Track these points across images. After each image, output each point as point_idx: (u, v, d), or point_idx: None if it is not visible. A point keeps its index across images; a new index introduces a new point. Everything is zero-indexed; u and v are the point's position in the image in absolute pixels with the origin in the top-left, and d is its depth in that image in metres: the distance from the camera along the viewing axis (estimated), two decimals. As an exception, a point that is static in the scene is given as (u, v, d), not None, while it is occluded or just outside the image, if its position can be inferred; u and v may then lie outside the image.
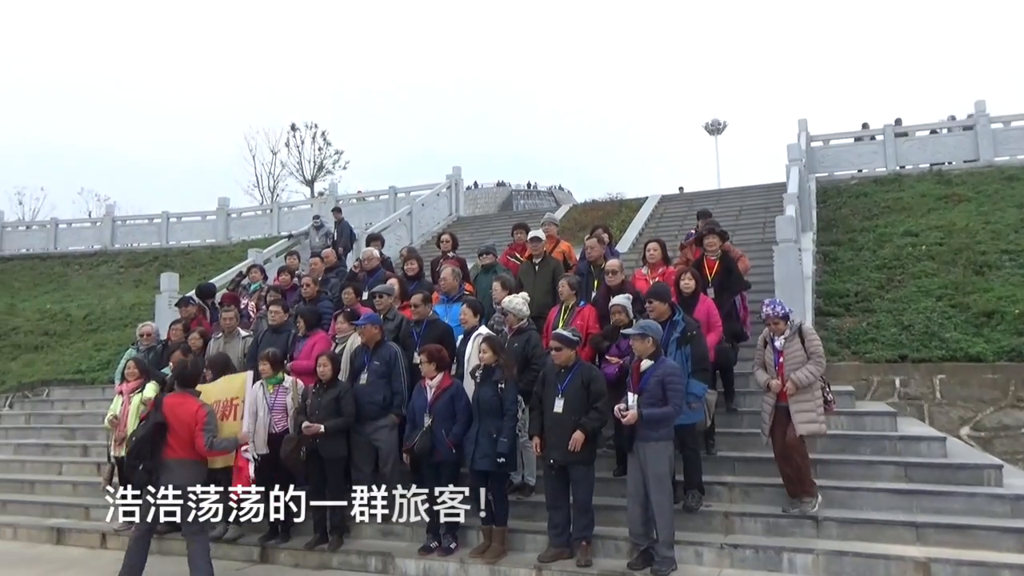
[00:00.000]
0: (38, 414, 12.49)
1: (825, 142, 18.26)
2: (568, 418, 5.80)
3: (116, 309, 18.00)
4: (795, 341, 6.10)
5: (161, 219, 25.25)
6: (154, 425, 5.97)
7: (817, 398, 6.01)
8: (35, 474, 10.07)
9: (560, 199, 54.11)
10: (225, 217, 24.57)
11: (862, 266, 11.76)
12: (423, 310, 7.38)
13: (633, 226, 17.13)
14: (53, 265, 23.95)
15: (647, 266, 7.90)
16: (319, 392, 6.83)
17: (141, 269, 22.31)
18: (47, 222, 28.11)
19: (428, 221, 20.76)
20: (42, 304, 19.73)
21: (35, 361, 15.36)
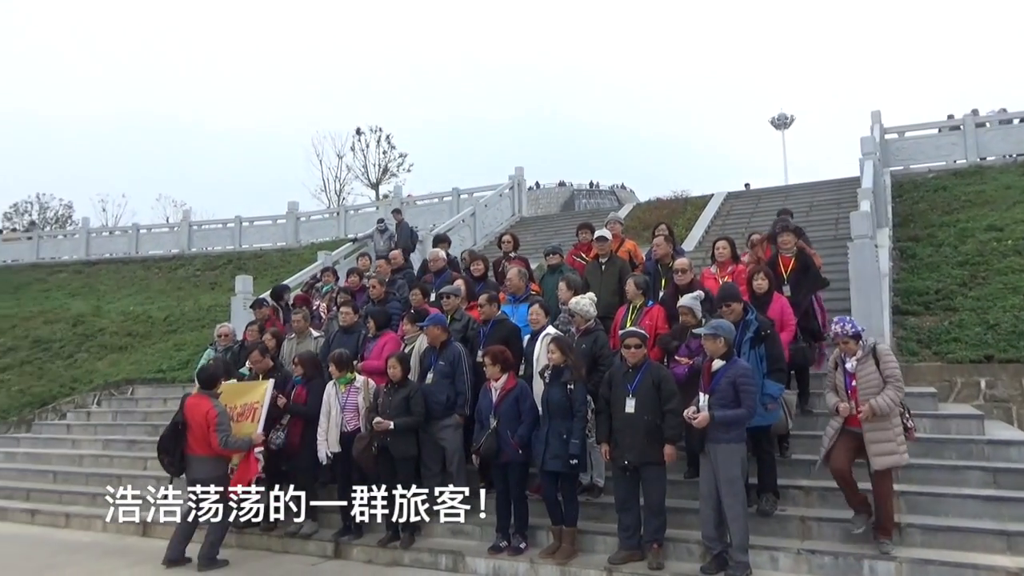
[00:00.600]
0: (124, 411, 13.06)
1: (900, 134, 17.61)
2: (640, 418, 5.73)
3: (194, 311, 18.66)
4: (869, 363, 5.60)
5: (234, 223, 26.08)
6: (172, 423, 6.78)
7: (896, 426, 5.52)
8: (122, 468, 10.52)
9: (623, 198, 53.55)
10: (294, 221, 25.20)
11: (942, 262, 11.30)
12: (489, 310, 7.42)
13: (699, 224, 16.88)
14: (135, 269, 24.97)
15: (716, 265, 7.75)
16: (390, 392, 6.94)
17: (216, 272, 23.06)
18: (129, 228, 29.43)
19: (491, 222, 20.87)
20: (125, 306, 20.60)
21: (120, 361, 16.06)
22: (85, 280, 24.54)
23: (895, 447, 5.49)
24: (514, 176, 22.74)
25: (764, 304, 6.68)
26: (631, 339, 5.93)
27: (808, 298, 7.37)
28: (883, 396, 5.47)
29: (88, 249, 27.45)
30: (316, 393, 7.33)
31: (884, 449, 5.47)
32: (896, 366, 5.63)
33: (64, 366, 16.71)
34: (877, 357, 5.63)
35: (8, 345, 18.78)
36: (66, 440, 12.28)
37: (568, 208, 52.44)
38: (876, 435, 5.49)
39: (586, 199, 59.97)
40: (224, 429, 6.70)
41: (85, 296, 22.57)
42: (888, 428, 5.49)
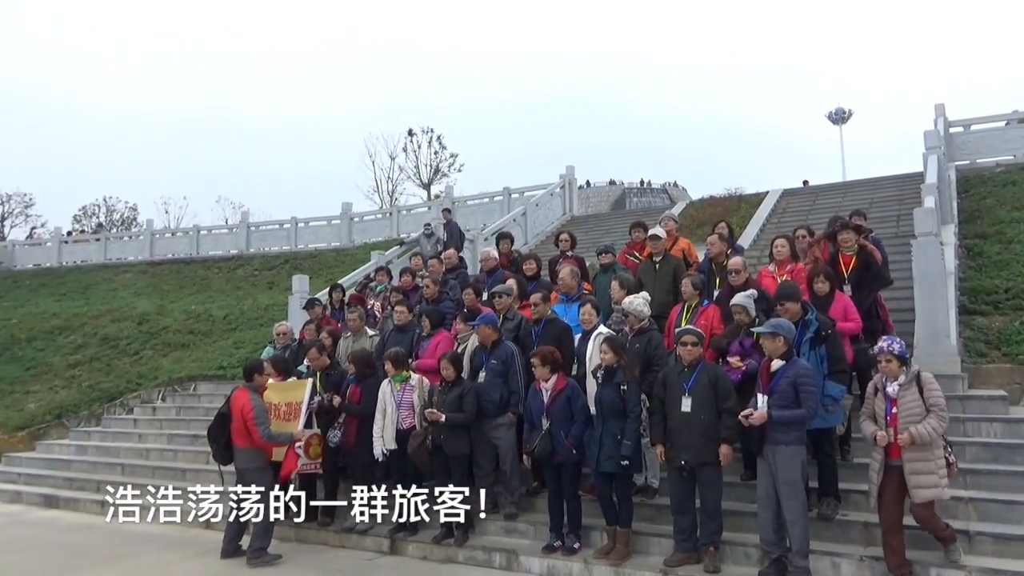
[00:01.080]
0: (187, 407, 13.46)
1: (965, 127, 16.93)
2: (697, 417, 5.65)
3: (252, 309, 19.10)
4: (911, 390, 5.22)
5: (290, 224, 26.60)
6: (217, 415, 7.08)
7: (939, 458, 5.16)
8: (186, 463, 10.85)
9: (675, 196, 52.97)
10: (348, 221, 25.57)
11: (1012, 260, 10.86)
12: (542, 309, 7.40)
13: (753, 222, 16.55)
14: (196, 269, 25.65)
15: (774, 263, 7.58)
16: (444, 390, 6.99)
17: (273, 272, 23.53)
18: (190, 229, 30.30)
19: (542, 221, 20.84)
20: (187, 305, 21.21)
21: (183, 358, 16.55)
22: (149, 280, 25.33)
23: (936, 479, 5.13)
24: (564, 175, 22.67)
25: (826, 305, 6.51)
26: (687, 337, 5.85)
27: (870, 297, 7.18)
28: (925, 424, 5.09)
29: (152, 250, 28.35)
30: (370, 391, 7.42)
31: (926, 481, 5.11)
32: (941, 395, 5.25)
33: (130, 363, 17.31)
34: (921, 384, 5.24)
35: (79, 343, 19.55)
36: (133, 434, 12.73)
37: (619, 207, 52.20)
38: (916, 466, 5.13)
39: (637, 197, 59.58)
40: (262, 422, 6.90)
41: (149, 295, 23.29)
42: (930, 459, 5.13)
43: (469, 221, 22.85)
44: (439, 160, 43.87)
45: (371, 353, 7.98)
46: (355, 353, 7.90)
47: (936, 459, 5.15)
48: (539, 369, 6.43)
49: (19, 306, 24.42)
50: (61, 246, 30.74)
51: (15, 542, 8.44)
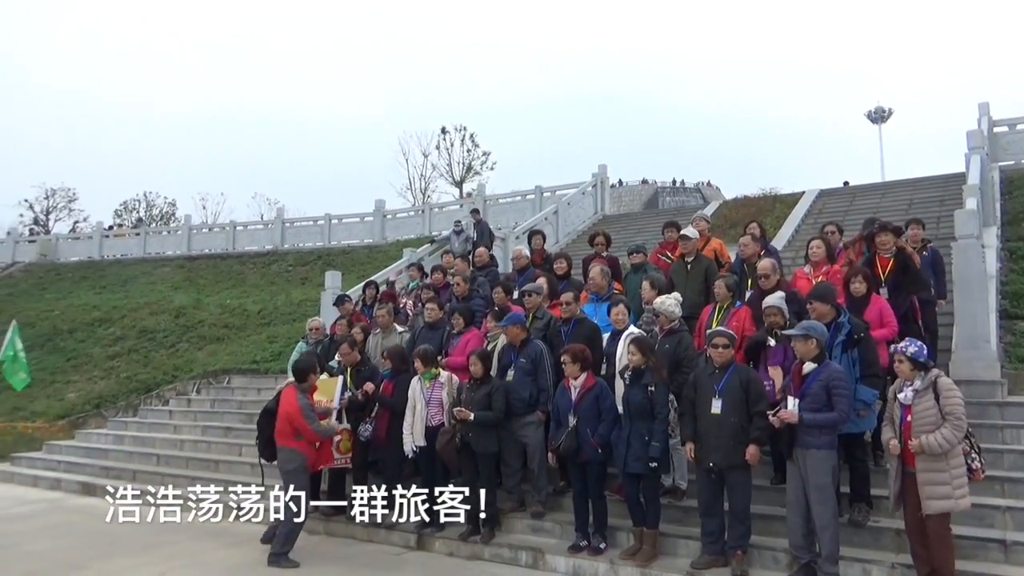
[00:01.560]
0: (221, 399, 13.69)
1: (1011, 127, 16.51)
2: (727, 419, 5.61)
3: (286, 305, 19.36)
4: (928, 397, 5.04)
5: (324, 221, 26.91)
6: (264, 409, 7.12)
7: (955, 467, 4.95)
8: (219, 454, 11.04)
9: (708, 196, 52.45)
10: (381, 218, 25.80)
11: (1055, 264, 10.56)
12: (572, 309, 7.40)
13: (788, 223, 16.36)
14: (231, 264, 26.08)
15: (809, 264, 7.49)
16: (472, 388, 7.02)
17: (307, 267, 23.81)
18: (226, 224, 30.88)
19: (574, 220, 20.82)
20: (223, 299, 21.58)
21: (217, 351, 16.84)
22: (186, 274, 25.81)
23: (950, 491, 4.93)
24: (597, 173, 22.63)
25: (861, 307, 6.41)
26: (719, 339, 5.81)
27: (907, 301, 7.03)
28: (937, 434, 4.91)
29: (189, 245, 28.90)
30: (403, 387, 7.49)
31: (936, 492, 4.94)
32: (959, 402, 5.02)
33: (167, 355, 17.67)
34: (938, 391, 5.04)
35: (117, 335, 20.02)
36: (168, 425, 12.99)
37: (651, 206, 51.89)
38: (928, 476, 4.97)
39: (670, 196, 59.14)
40: (311, 418, 6.92)
41: (186, 289, 23.74)
42: (944, 470, 4.94)
43: (501, 219, 22.94)
44: (471, 158, 44.09)
45: (405, 349, 8.05)
46: (391, 349, 7.97)
47: (952, 469, 4.96)
48: (569, 366, 6.43)
49: (61, 298, 25.08)
50: (102, 240, 31.54)
51: (55, 528, 8.69)
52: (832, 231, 8.12)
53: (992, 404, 7.21)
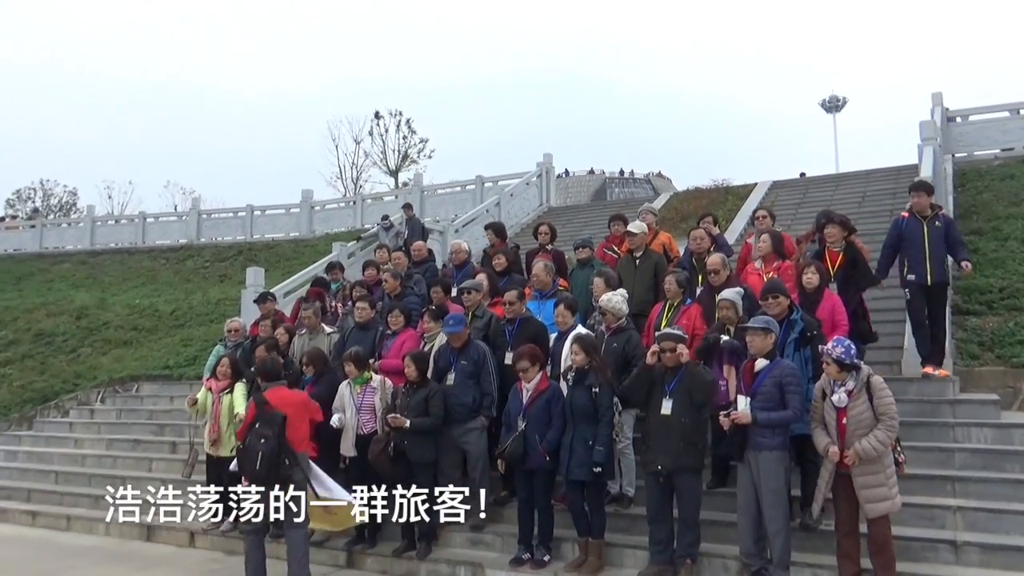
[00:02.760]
0: (128, 409, 13.30)
1: (964, 118, 17.26)
2: (677, 420, 5.71)
3: (202, 304, 18.92)
4: (862, 398, 5.24)
5: (245, 212, 26.43)
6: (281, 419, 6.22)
7: (888, 466, 5.22)
8: (126, 470, 10.73)
9: (658, 187, 53.37)
10: (309, 210, 25.48)
11: (1008, 258, 11.11)
12: (517, 308, 7.43)
13: (740, 216, 16.74)
14: (141, 259, 25.38)
15: (760, 260, 7.70)
16: (408, 392, 7.00)
17: (226, 263, 23.36)
18: (135, 216, 29.97)
19: (517, 212, 20.94)
20: (131, 299, 20.94)
21: (125, 356, 16.34)
22: (89, 271, 24.98)
23: (887, 491, 5.20)
24: (542, 163, 22.78)
25: (814, 302, 6.62)
26: (666, 343, 5.89)
27: (857, 297, 7.31)
28: (871, 438, 5.14)
29: (93, 238, 27.95)
30: (327, 385, 7.40)
31: (876, 495, 5.18)
32: (891, 402, 5.27)
33: (67, 361, 17.04)
34: (871, 391, 5.27)
35: (10, 338, 19.20)
36: (68, 439, 12.55)
37: (599, 197, 52.49)
38: (866, 479, 5.19)
39: (619, 188, 59.89)
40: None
41: (89, 288, 22.97)
42: (879, 471, 5.20)
43: (439, 211, 22.92)
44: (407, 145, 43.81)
45: (323, 352, 7.97)
46: (310, 352, 7.87)
47: (886, 468, 5.22)
48: (530, 369, 6.45)
49: (-57, 299, 23.94)
50: (-9, 233, 30.20)
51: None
52: (763, 216, 8.38)
53: (944, 402, 7.54)
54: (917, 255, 7.77)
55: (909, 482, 5.94)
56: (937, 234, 7.78)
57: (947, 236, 7.82)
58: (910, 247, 7.82)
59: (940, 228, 7.81)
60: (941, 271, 7.79)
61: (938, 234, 7.78)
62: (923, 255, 7.76)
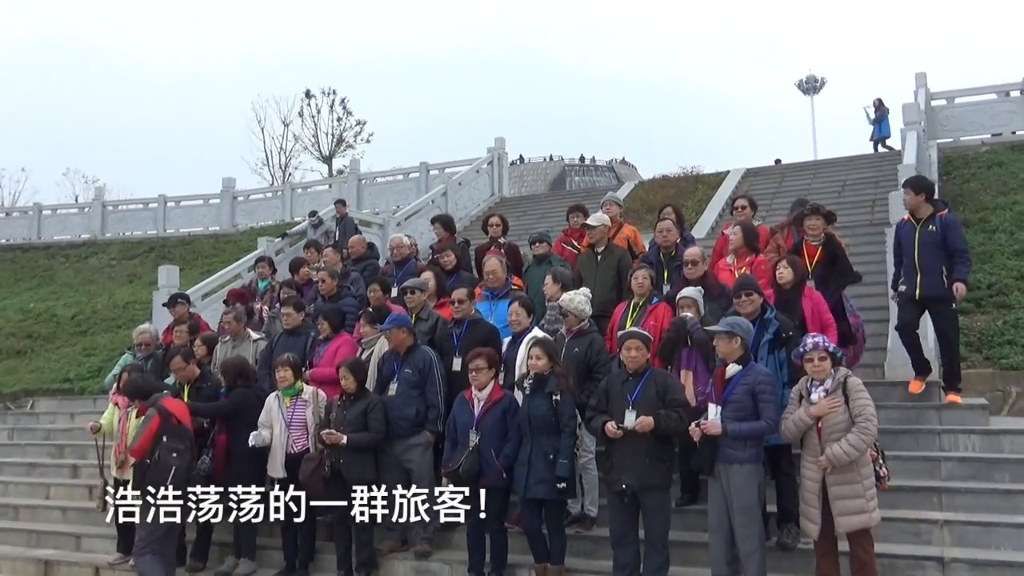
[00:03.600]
0: (21, 429, 12.96)
1: (949, 100, 17.77)
2: (642, 433, 5.75)
3: (108, 308, 18.55)
4: (837, 399, 5.40)
5: (158, 204, 25.96)
6: (191, 433, 6.47)
7: (867, 477, 5.34)
8: (19, 498, 10.44)
9: (623, 175, 53.75)
10: (231, 201, 25.15)
11: (996, 252, 11.45)
12: (466, 308, 7.43)
13: (711, 206, 17.00)
14: (36, 257, 24.81)
15: (731, 254, 7.82)
16: (344, 405, 6.95)
17: (135, 262, 22.97)
18: (29, 208, 29.09)
19: (466, 203, 20.93)
20: (24, 302, 20.46)
21: (17, 368, 15.92)
22: (-25, 271, 24.31)
23: (863, 504, 5.30)
24: (494, 148, 22.80)
25: (791, 300, 6.74)
26: (631, 341, 5.95)
27: (837, 294, 7.42)
28: (843, 442, 5.25)
29: (-22, 234, 27.17)
30: (237, 399, 7.35)
31: (849, 507, 5.28)
32: (868, 402, 5.39)
33: (-51, 375, 16.55)
34: (847, 392, 5.40)
35: None
36: (-48, 464, 12.14)
37: (558, 186, 52.69)
38: (840, 489, 5.31)
39: (579, 176, 60.17)
40: None
41: (-25, 290, 22.36)
42: (856, 481, 5.30)
43: (379, 202, 22.81)
44: (343, 128, 43.23)
45: (246, 361, 7.88)
46: (227, 362, 7.77)
47: (864, 479, 5.32)
48: (484, 374, 6.44)
49: None
50: None
51: None
52: (743, 206, 8.50)
53: (930, 407, 7.72)
54: (908, 263, 7.53)
55: (893, 495, 6.09)
56: (931, 240, 7.38)
57: (944, 243, 7.37)
58: (904, 254, 7.59)
59: (935, 233, 7.38)
60: (935, 284, 7.36)
61: (932, 240, 7.38)
62: (912, 264, 7.47)
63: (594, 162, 64.09)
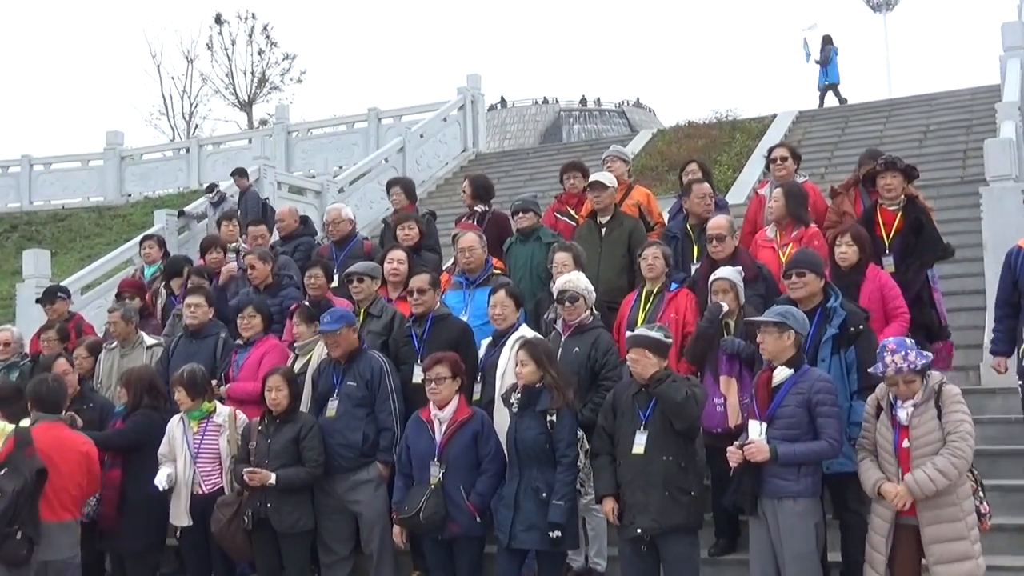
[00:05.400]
0: None
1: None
2: (657, 461, 5.75)
3: (-45, 305, 18.44)
4: (929, 412, 5.35)
5: (20, 167, 25.89)
6: (36, 473, 6.16)
7: (968, 514, 5.30)
8: None
9: (636, 122, 53.70)
10: (117, 162, 25.07)
11: None
12: (430, 299, 7.41)
13: (752, 162, 17.01)
14: None
15: (773, 226, 7.82)
16: (268, 431, 6.92)
17: (-10, 244, 22.83)
18: None
19: (431, 161, 20.91)
20: None
21: None
22: None
23: (968, 547, 5.24)
24: (466, 89, 22.71)
25: (852, 284, 6.74)
26: (633, 351, 5.92)
27: (923, 274, 7.42)
28: (927, 466, 5.22)
29: None
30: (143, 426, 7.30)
31: (952, 552, 5.22)
32: (965, 417, 5.35)
33: None
34: (941, 404, 5.37)
35: None
36: None
37: (553, 137, 52.62)
38: (938, 530, 5.26)
39: (579, 123, 60.06)
40: None
41: None
42: (958, 518, 5.27)
43: (315, 161, 22.76)
44: (265, 64, 43.17)
45: (155, 373, 7.85)
46: (131, 373, 7.71)
47: (966, 515, 5.29)
48: (444, 387, 6.41)
49: None
50: None
51: None
52: (782, 157, 8.51)
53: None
54: None
55: (991, 536, 6.09)
56: None
57: None
58: None
59: None
60: None
61: None
62: None
63: (599, 105, 64.05)
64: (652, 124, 40.14)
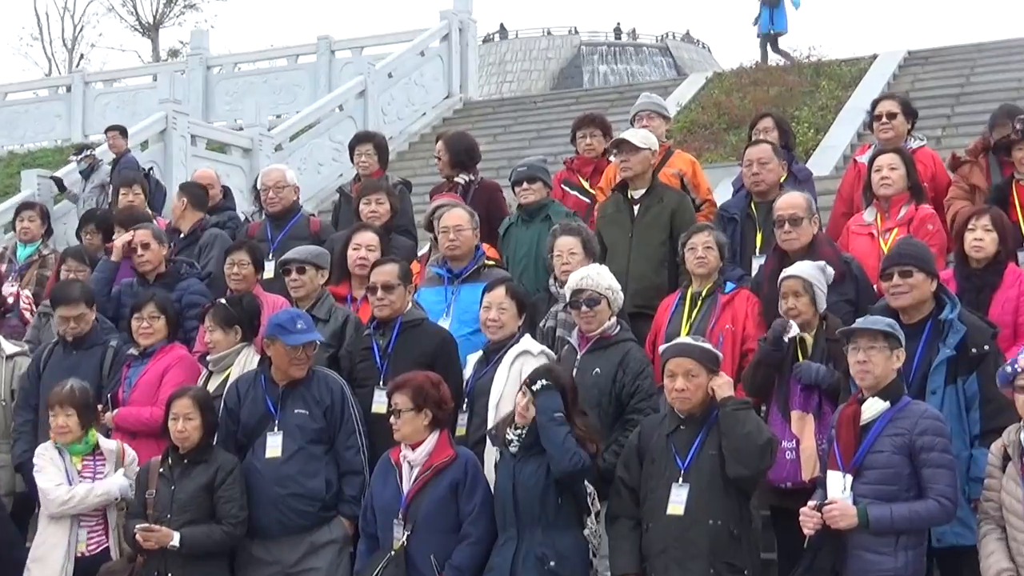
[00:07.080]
0: None
1: None
2: (701, 524, 5.75)
3: None
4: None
5: None
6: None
7: None
8: None
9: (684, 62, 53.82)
10: (-32, 104, 25.16)
11: None
12: (397, 300, 7.43)
13: (845, 118, 17.04)
14: None
15: (873, 206, 7.83)
16: (172, 473, 6.94)
17: None
18: None
19: (402, 110, 20.96)
20: None
21: None
22: None
23: None
24: (451, 13, 22.68)
25: (985, 286, 6.77)
26: (676, 362, 5.95)
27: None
28: None
29: None
30: None
31: None
32: None
33: None
34: None
35: None
36: None
37: (569, 80, 52.50)
38: None
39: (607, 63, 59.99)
40: None
41: None
42: None
43: (244, 107, 22.66)
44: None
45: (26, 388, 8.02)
46: None
47: None
48: (408, 420, 6.41)
49: None
50: None
51: None
52: (890, 112, 8.51)
53: None
54: None
55: None
56: None
57: None
58: None
59: None
60: None
61: None
62: None
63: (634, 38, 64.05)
64: (706, 66, 40.26)
